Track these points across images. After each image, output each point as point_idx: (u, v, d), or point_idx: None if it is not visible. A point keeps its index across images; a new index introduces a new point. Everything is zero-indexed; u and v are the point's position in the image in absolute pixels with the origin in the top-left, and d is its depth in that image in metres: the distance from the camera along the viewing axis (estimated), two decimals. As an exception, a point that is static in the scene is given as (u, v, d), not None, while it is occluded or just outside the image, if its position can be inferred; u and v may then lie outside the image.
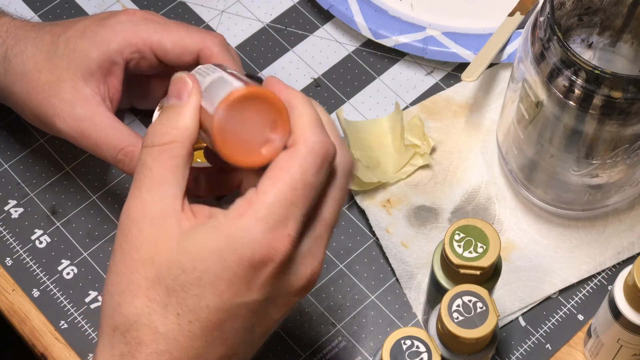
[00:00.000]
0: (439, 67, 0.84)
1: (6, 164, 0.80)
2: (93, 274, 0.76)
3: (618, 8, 0.71)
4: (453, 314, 0.61)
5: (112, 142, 0.70)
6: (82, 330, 0.73)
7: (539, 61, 0.66)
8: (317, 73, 0.84)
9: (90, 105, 0.71)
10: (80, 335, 0.73)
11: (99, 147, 0.71)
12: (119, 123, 0.71)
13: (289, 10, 0.87)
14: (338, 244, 0.77)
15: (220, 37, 0.72)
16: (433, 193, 0.78)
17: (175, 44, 0.71)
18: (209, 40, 0.71)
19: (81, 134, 0.71)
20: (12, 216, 0.78)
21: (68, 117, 0.71)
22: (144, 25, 0.72)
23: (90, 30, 0.72)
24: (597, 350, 0.70)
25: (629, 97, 0.63)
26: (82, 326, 0.74)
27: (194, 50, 0.71)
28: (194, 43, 0.71)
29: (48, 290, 0.75)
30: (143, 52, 0.72)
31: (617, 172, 0.71)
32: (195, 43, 0.71)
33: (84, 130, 0.71)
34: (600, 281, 0.76)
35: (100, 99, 0.71)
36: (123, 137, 0.70)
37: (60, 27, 0.73)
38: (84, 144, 0.71)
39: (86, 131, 0.71)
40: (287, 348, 0.73)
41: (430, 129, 0.80)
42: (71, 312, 0.74)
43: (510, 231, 0.77)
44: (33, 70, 0.72)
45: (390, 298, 0.75)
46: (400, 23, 0.83)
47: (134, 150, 0.70)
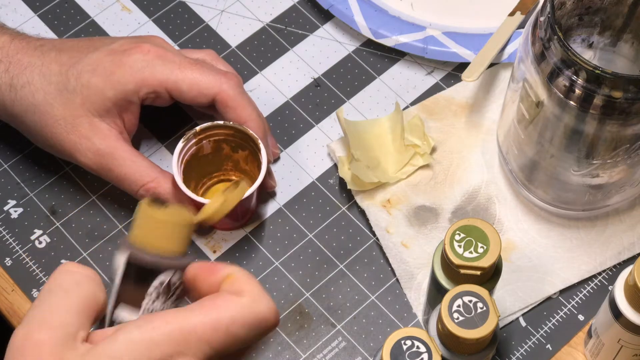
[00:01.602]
0: (439, 67, 0.84)
1: (6, 164, 0.80)
2: (93, 274, 0.76)
3: (618, 8, 0.71)
4: (453, 314, 0.61)
5: (133, 178, 0.72)
6: (82, 331, 0.73)
7: (540, 61, 0.66)
8: (317, 73, 0.84)
9: (110, 140, 0.72)
10: (80, 335, 0.73)
11: (121, 182, 0.73)
12: (139, 157, 0.72)
13: (289, 10, 0.87)
14: (338, 244, 0.77)
15: (235, 79, 0.74)
16: (433, 193, 0.78)
17: (191, 87, 0.73)
18: (225, 83, 0.73)
19: (102, 169, 0.73)
20: (12, 216, 0.78)
21: (89, 152, 0.72)
22: (159, 66, 0.72)
23: (103, 68, 0.72)
24: (597, 350, 0.70)
25: (630, 97, 0.63)
26: (81, 326, 0.74)
27: (210, 94, 0.73)
28: (210, 87, 0.73)
29: (48, 290, 0.75)
30: (159, 92, 0.73)
31: (618, 172, 0.71)
32: (211, 87, 0.73)
33: (104, 165, 0.72)
34: (600, 281, 0.76)
35: (118, 133, 0.73)
36: (144, 173, 0.72)
37: (67, 55, 0.73)
38: (107, 178, 0.73)
39: (107, 166, 0.72)
40: (287, 348, 0.73)
41: (431, 129, 0.80)
42: (71, 312, 0.74)
43: (511, 231, 0.77)
44: (44, 104, 0.72)
45: (390, 298, 0.75)
46: (401, 23, 0.83)
47: (155, 186, 0.72)
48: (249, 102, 0.74)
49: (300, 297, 0.75)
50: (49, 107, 0.72)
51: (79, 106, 0.72)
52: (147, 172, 0.72)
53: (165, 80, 0.72)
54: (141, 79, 0.72)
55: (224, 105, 0.73)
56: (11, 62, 0.73)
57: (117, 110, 0.73)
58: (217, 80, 0.73)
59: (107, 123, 0.72)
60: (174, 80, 0.72)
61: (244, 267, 0.76)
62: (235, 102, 0.73)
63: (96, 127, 0.72)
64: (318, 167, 0.80)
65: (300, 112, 0.82)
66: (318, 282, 0.75)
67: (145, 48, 0.73)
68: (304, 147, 0.81)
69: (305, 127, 0.82)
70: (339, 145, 0.80)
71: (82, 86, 0.72)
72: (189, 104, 0.75)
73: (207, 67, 0.74)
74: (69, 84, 0.72)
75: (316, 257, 0.76)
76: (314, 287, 0.75)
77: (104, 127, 0.72)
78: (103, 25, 0.86)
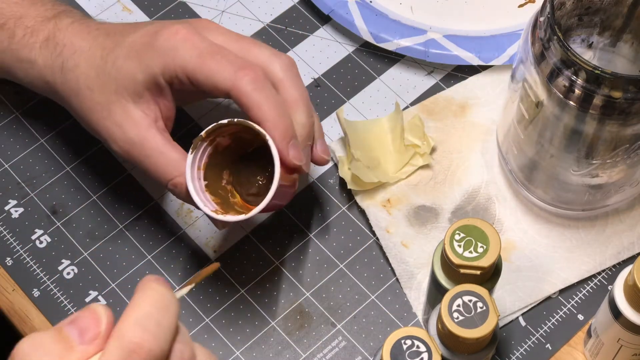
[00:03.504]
0: (439, 67, 0.84)
1: (6, 164, 0.80)
2: (93, 273, 0.76)
3: (618, 8, 0.71)
4: (453, 313, 0.61)
5: (161, 171, 0.69)
6: (82, 330, 0.73)
7: (539, 61, 0.66)
8: (317, 73, 0.84)
9: (141, 129, 0.70)
10: (81, 335, 0.73)
11: (150, 173, 0.70)
12: (169, 149, 0.69)
13: (289, 10, 0.87)
14: (338, 244, 0.77)
15: (252, 74, 0.68)
16: (433, 193, 0.78)
17: (207, 79, 0.68)
18: (240, 79, 0.67)
19: (132, 158, 0.70)
20: (13, 216, 0.78)
21: (120, 141, 0.70)
22: (182, 50, 0.68)
23: (135, 51, 0.70)
24: (597, 350, 0.70)
25: (629, 97, 0.63)
26: (82, 326, 0.74)
27: (224, 88, 0.68)
28: (223, 82, 0.68)
29: (48, 290, 0.75)
30: (181, 78, 0.69)
31: (617, 172, 0.71)
32: (225, 82, 0.68)
33: (134, 155, 0.70)
34: (600, 281, 0.76)
35: (152, 121, 0.70)
36: (173, 166, 0.69)
37: (112, 40, 0.72)
38: (138, 167, 0.71)
39: (137, 157, 0.70)
40: (287, 347, 0.73)
41: (430, 129, 0.80)
42: (71, 312, 0.74)
43: (510, 231, 0.77)
44: (85, 88, 0.71)
45: (390, 298, 0.75)
46: (401, 26, 0.83)
47: (183, 181, 0.69)
48: (267, 100, 0.67)
49: (301, 297, 0.75)
50: (89, 91, 0.71)
51: (113, 92, 0.70)
52: (175, 166, 0.69)
53: (185, 66, 0.68)
54: (164, 62, 0.69)
55: (238, 103, 0.68)
56: (65, 45, 0.73)
57: (151, 95, 0.70)
58: (233, 75, 0.67)
59: (141, 110, 0.70)
60: (192, 68, 0.68)
61: (244, 266, 0.76)
62: (250, 100, 0.67)
63: (129, 115, 0.70)
64: (318, 167, 0.80)
65: (300, 112, 0.82)
66: (318, 281, 0.76)
67: (174, 29, 0.70)
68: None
69: (305, 127, 0.82)
70: (339, 145, 0.80)
71: (117, 71, 0.70)
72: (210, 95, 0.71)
73: (227, 59, 0.68)
74: (106, 68, 0.71)
75: (316, 257, 0.77)
76: (314, 287, 0.75)
77: (137, 115, 0.70)
78: (103, 25, 0.86)
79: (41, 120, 0.81)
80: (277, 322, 0.74)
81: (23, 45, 0.74)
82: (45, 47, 0.73)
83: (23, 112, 0.82)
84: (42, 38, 0.73)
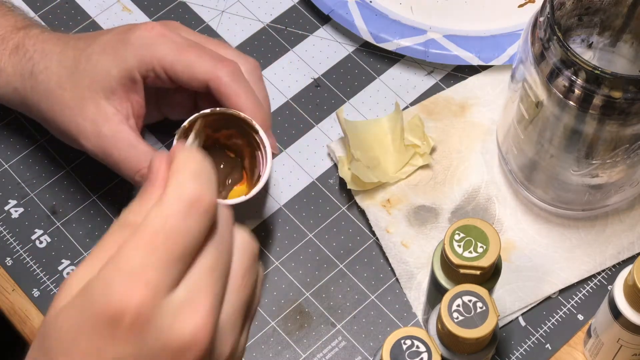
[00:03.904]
0: (439, 67, 0.84)
1: (6, 164, 0.80)
2: (93, 273, 0.76)
3: (618, 8, 0.71)
4: (453, 313, 0.61)
5: (131, 163, 0.70)
6: (82, 330, 0.73)
7: (539, 61, 0.66)
8: (317, 73, 0.84)
9: (112, 124, 0.70)
10: (81, 335, 0.73)
11: (118, 166, 0.71)
12: (139, 142, 0.70)
13: (289, 10, 0.87)
14: (338, 244, 0.77)
15: (231, 66, 0.70)
16: (433, 193, 0.78)
17: (186, 70, 0.70)
18: (219, 70, 0.70)
19: (103, 153, 0.71)
20: (12, 216, 0.78)
21: (92, 136, 0.71)
22: (159, 45, 0.70)
23: (110, 47, 0.71)
24: (597, 350, 0.70)
25: (629, 97, 0.63)
26: (82, 326, 0.74)
27: (203, 79, 0.70)
28: (203, 72, 0.70)
29: (48, 290, 0.75)
30: (157, 72, 0.71)
31: (617, 172, 0.71)
32: (205, 72, 0.70)
33: (105, 149, 0.71)
34: (600, 281, 0.76)
35: (123, 118, 0.71)
36: (142, 158, 0.70)
37: (84, 42, 0.73)
38: (107, 162, 0.71)
39: (108, 150, 0.70)
40: (287, 347, 0.73)
41: (430, 129, 0.80)
42: (71, 312, 0.74)
43: (510, 231, 0.77)
44: (57, 88, 0.71)
45: (390, 298, 0.75)
46: (401, 26, 0.83)
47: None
48: (246, 90, 0.70)
49: (300, 297, 0.75)
50: (61, 90, 0.71)
51: (86, 88, 0.71)
52: (145, 158, 0.70)
53: (162, 59, 0.70)
54: (141, 55, 0.70)
55: (218, 92, 0.70)
56: (36, 51, 0.73)
57: (124, 92, 0.71)
58: (212, 67, 0.70)
59: (113, 106, 0.71)
60: (170, 60, 0.70)
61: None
62: (229, 90, 0.70)
63: (102, 110, 0.71)
64: (318, 167, 0.80)
65: (300, 112, 0.82)
66: (318, 281, 0.76)
67: (149, 25, 0.71)
68: (304, 147, 0.81)
69: (305, 127, 0.82)
70: (338, 145, 0.80)
71: (92, 67, 0.71)
72: (187, 87, 0.72)
73: (206, 52, 0.71)
74: (79, 66, 0.71)
75: (316, 257, 0.77)
76: (314, 287, 0.75)
77: (110, 111, 0.71)
78: (104, 25, 0.86)
79: (41, 120, 0.81)
80: (277, 322, 0.74)
81: None
82: (14, 54, 0.74)
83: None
84: (12, 46, 0.74)
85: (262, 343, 0.73)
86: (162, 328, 0.47)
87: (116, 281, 0.47)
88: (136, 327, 0.47)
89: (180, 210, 0.48)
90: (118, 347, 0.47)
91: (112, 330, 0.47)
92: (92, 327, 0.47)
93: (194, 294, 0.48)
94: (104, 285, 0.47)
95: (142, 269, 0.47)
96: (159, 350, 0.47)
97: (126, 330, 0.47)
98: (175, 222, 0.47)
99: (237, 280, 0.51)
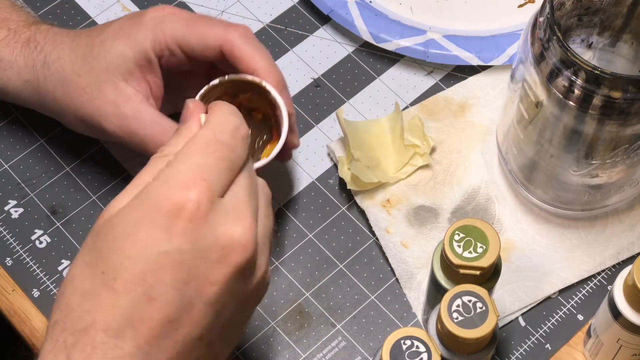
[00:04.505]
0: (439, 67, 0.84)
1: (6, 164, 0.80)
2: (93, 274, 0.76)
3: (618, 8, 0.71)
4: (453, 314, 0.61)
5: (157, 139, 0.70)
6: (82, 330, 0.73)
7: (539, 61, 0.66)
8: (317, 73, 0.84)
9: (134, 103, 0.71)
10: (80, 335, 0.73)
11: (145, 144, 0.71)
12: (163, 119, 0.71)
13: (289, 10, 0.87)
14: (338, 244, 0.77)
15: (242, 29, 0.71)
16: (433, 193, 0.78)
17: (198, 40, 0.71)
18: (230, 33, 0.70)
19: (128, 133, 0.71)
20: (12, 216, 0.78)
21: (114, 117, 0.71)
22: (170, 22, 0.71)
23: (123, 31, 0.72)
24: (596, 350, 0.70)
25: (629, 97, 0.63)
26: (82, 326, 0.74)
27: (216, 45, 0.71)
28: (215, 38, 0.71)
29: (48, 290, 0.75)
30: (171, 49, 0.71)
31: (617, 172, 0.71)
32: (216, 38, 0.71)
33: (130, 129, 0.71)
34: (600, 281, 0.76)
35: (143, 97, 0.71)
36: (167, 133, 0.70)
37: (96, 30, 0.74)
38: (132, 143, 0.71)
39: (132, 129, 0.71)
40: (287, 347, 0.73)
41: (430, 129, 0.80)
42: (71, 312, 0.74)
43: (510, 231, 0.77)
44: (72, 74, 0.72)
45: (390, 298, 0.75)
46: (401, 27, 0.83)
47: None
48: (258, 51, 0.71)
49: (300, 297, 0.75)
50: (76, 77, 0.72)
51: (103, 72, 0.71)
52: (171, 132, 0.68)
53: (174, 34, 0.71)
54: (154, 34, 0.71)
55: (232, 56, 0.71)
56: (47, 43, 0.74)
57: (141, 72, 0.71)
58: (223, 32, 0.70)
59: (132, 87, 0.71)
60: (182, 34, 0.71)
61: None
62: (243, 52, 0.70)
63: (121, 91, 0.71)
64: (318, 167, 0.80)
65: (300, 113, 0.82)
66: (318, 281, 0.76)
67: (160, 7, 0.72)
68: (304, 147, 0.81)
69: (305, 127, 0.82)
70: (338, 145, 0.80)
71: (106, 51, 0.71)
72: (202, 60, 0.73)
73: (215, 21, 0.72)
74: (93, 51, 0.72)
75: (316, 257, 0.77)
76: (314, 287, 0.75)
77: (130, 91, 0.71)
78: (103, 25, 0.86)
79: (41, 120, 0.81)
80: (277, 322, 0.74)
81: (5, 45, 0.75)
82: (26, 47, 0.74)
83: (23, 112, 0.82)
84: (24, 39, 0.75)
85: (262, 343, 0.73)
86: (215, 225, 0.53)
87: (177, 178, 0.53)
88: (194, 220, 0.52)
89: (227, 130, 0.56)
90: (174, 239, 0.52)
91: (171, 222, 0.52)
92: (152, 221, 0.52)
93: (238, 204, 0.55)
94: (164, 182, 0.53)
95: (201, 168, 0.53)
96: (211, 244, 0.53)
97: (184, 223, 0.52)
98: (224, 137, 0.55)
99: (263, 209, 0.57)
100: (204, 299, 0.53)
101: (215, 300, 0.54)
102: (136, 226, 0.52)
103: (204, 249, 0.53)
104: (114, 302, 0.52)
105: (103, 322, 0.52)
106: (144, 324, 0.52)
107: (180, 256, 0.52)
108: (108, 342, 0.51)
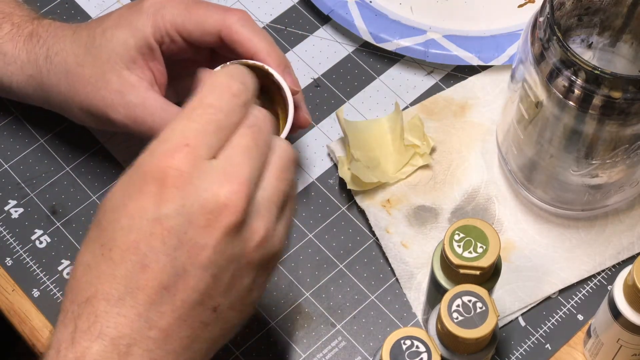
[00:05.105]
0: (439, 67, 0.84)
1: (6, 164, 0.80)
2: (93, 274, 0.76)
3: (618, 8, 0.71)
4: (453, 314, 0.61)
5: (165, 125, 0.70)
6: (82, 330, 0.73)
7: (539, 61, 0.66)
8: (317, 73, 0.84)
9: (140, 91, 0.71)
10: (80, 335, 0.73)
11: (153, 131, 0.70)
12: (170, 105, 0.71)
13: (289, 10, 0.87)
14: (338, 244, 0.77)
15: (239, 13, 0.72)
16: (433, 193, 0.78)
17: (197, 26, 0.71)
18: (228, 18, 0.71)
19: (135, 121, 0.71)
20: (12, 216, 0.78)
21: (120, 107, 0.71)
22: (169, 8, 0.71)
23: (123, 19, 0.72)
24: (596, 350, 0.70)
25: (629, 97, 0.63)
26: (82, 326, 0.74)
27: (215, 31, 0.71)
28: (213, 24, 0.71)
29: (48, 290, 0.75)
30: (171, 35, 0.71)
31: (617, 172, 0.71)
32: (215, 24, 0.71)
33: (137, 117, 0.71)
34: (600, 281, 0.76)
35: (148, 85, 0.71)
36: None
37: (96, 21, 0.74)
38: (139, 131, 0.71)
39: (140, 118, 0.71)
40: (287, 347, 0.73)
41: (430, 129, 0.80)
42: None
43: (510, 231, 0.77)
44: (75, 66, 0.72)
45: (390, 298, 0.75)
46: (401, 27, 0.83)
47: None
48: (257, 33, 0.71)
49: (300, 297, 0.75)
50: (80, 68, 0.72)
51: (106, 61, 0.71)
52: None
53: (173, 20, 0.71)
54: (154, 21, 0.71)
55: (231, 40, 0.71)
56: (49, 36, 0.74)
57: (143, 60, 0.71)
58: (221, 17, 0.71)
59: (136, 75, 0.71)
60: (182, 20, 0.71)
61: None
62: (241, 36, 0.71)
63: (126, 80, 0.71)
64: (318, 167, 0.80)
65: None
66: (318, 282, 0.76)
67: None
68: (304, 147, 0.81)
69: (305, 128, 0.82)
70: (338, 145, 0.80)
71: (107, 40, 0.71)
72: (201, 46, 0.73)
73: (213, 6, 0.72)
74: (95, 42, 0.72)
75: (316, 257, 0.77)
76: (314, 287, 0.75)
77: (134, 79, 0.71)
78: (103, 25, 0.86)
79: (41, 120, 0.81)
80: (277, 322, 0.74)
81: (8, 40, 0.75)
82: (29, 41, 0.75)
83: (23, 112, 0.82)
84: (27, 33, 0.75)
85: (262, 343, 0.73)
86: (200, 189, 0.53)
87: (160, 147, 0.54)
88: (178, 186, 0.53)
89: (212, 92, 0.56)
90: (161, 206, 0.53)
91: (157, 189, 0.53)
92: (140, 190, 0.54)
93: (231, 166, 0.54)
94: (150, 153, 0.54)
95: (182, 135, 0.54)
96: (197, 209, 0.53)
97: (170, 189, 0.53)
98: (211, 100, 0.56)
99: (274, 171, 0.57)
100: (196, 264, 0.54)
101: (208, 265, 0.54)
102: (127, 197, 0.54)
103: (191, 213, 0.53)
104: (113, 272, 0.53)
105: (104, 292, 0.53)
106: (141, 291, 0.53)
107: (168, 222, 0.53)
108: (110, 311, 0.53)
